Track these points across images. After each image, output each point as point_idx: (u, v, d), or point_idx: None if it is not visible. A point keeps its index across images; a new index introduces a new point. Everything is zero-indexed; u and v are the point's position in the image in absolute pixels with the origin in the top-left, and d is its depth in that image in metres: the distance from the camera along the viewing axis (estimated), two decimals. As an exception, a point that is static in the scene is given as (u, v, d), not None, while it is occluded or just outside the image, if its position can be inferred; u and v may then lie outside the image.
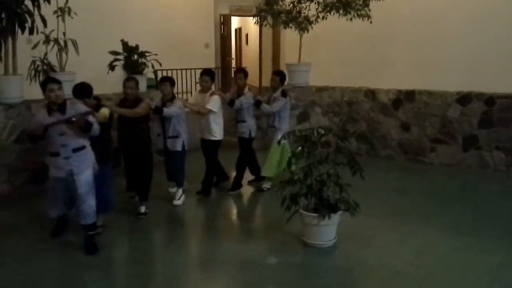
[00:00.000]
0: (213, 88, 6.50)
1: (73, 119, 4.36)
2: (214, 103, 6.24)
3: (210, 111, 6.21)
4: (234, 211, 6.31)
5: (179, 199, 6.16)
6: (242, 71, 6.70)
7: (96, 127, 4.57)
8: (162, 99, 6.10)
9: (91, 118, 4.55)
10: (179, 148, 6.08)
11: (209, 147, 6.46)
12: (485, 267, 4.35)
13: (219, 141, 6.46)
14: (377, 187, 6.67)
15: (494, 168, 7.67)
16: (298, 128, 6.48)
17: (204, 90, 6.42)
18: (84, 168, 4.59)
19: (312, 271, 4.39)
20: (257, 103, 6.51)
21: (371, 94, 8.86)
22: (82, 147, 4.61)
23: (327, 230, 4.76)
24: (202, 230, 5.56)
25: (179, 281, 4.15)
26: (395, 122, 8.62)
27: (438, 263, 4.44)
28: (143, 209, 5.69)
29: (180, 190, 6.22)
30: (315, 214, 4.66)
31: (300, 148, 4.76)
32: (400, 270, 4.30)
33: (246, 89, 6.57)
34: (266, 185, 6.78)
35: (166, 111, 5.85)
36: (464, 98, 7.91)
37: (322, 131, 4.84)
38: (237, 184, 6.69)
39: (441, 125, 8.15)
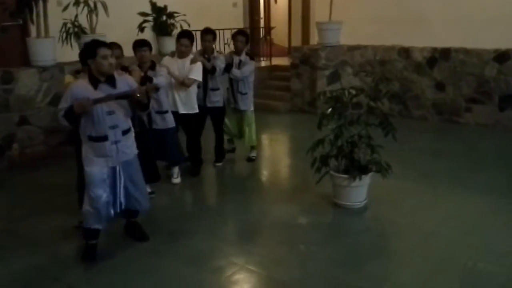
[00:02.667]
0: (191, 54, 5.62)
1: (137, 93, 3.60)
2: (199, 72, 5.46)
3: (195, 81, 5.48)
4: (264, 173, 6.35)
5: (177, 176, 5.64)
6: (211, 32, 5.83)
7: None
8: (140, 67, 5.03)
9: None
10: (172, 124, 5.30)
11: (191, 122, 5.75)
12: (520, 229, 4.28)
13: (197, 113, 5.74)
14: (409, 149, 6.58)
15: (532, 128, 7.44)
16: (328, 89, 6.34)
17: (182, 55, 5.53)
18: (131, 154, 3.84)
19: (342, 231, 4.42)
20: (228, 68, 5.89)
21: (404, 52, 8.61)
22: (130, 129, 3.86)
23: (357, 191, 4.75)
24: (232, 192, 5.60)
25: (212, 239, 4.24)
26: (430, 82, 8.40)
27: (471, 225, 4.38)
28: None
29: (177, 168, 5.64)
30: (346, 176, 4.64)
31: (330, 109, 4.69)
32: (432, 232, 4.27)
33: (215, 52, 5.92)
34: (253, 153, 6.49)
35: (156, 81, 4.92)
36: (502, 56, 7.60)
37: (354, 92, 4.76)
38: (223, 154, 6.36)
39: (477, 84, 7.90)
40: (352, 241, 4.18)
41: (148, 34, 8.30)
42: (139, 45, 5.04)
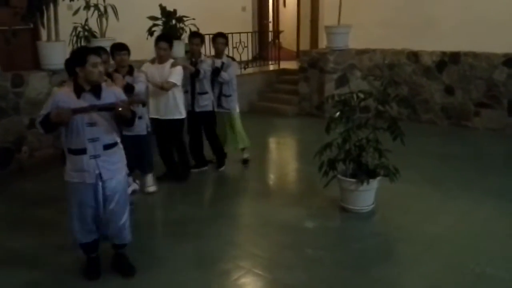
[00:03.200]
0: (171, 59, 5.44)
1: (119, 107, 3.32)
2: (178, 76, 5.29)
3: (175, 85, 5.29)
4: (271, 176, 6.35)
5: (152, 184, 5.40)
6: (198, 36, 5.74)
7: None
8: (118, 71, 4.88)
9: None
10: (144, 132, 5.08)
11: (176, 127, 5.58)
12: (529, 234, 4.24)
13: (184, 118, 5.61)
14: (418, 153, 6.55)
15: (542, 133, 7.38)
16: (336, 92, 6.29)
17: (162, 60, 5.35)
18: (116, 172, 3.50)
19: (349, 236, 4.41)
20: (216, 72, 5.73)
21: (414, 56, 8.59)
22: (115, 144, 3.52)
23: (365, 196, 4.73)
24: (238, 195, 5.62)
25: (218, 242, 4.24)
26: (439, 86, 8.36)
27: (480, 230, 4.36)
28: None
29: (151, 175, 5.40)
30: (353, 180, 4.63)
31: (338, 113, 4.69)
32: (440, 236, 4.25)
33: (203, 56, 5.81)
34: (246, 154, 6.37)
35: (136, 88, 4.77)
36: (511, 60, 7.55)
37: (362, 96, 4.75)
38: (223, 158, 6.19)
39: (486, 89, 7.85)
40: (359, 246, 4.17)
41: (157, 38, 8.35)
42: (118, 48, 4.94)
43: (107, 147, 3.45)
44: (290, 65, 11.11)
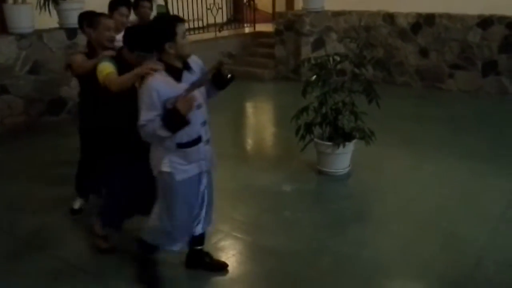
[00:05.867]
0: None
1: (228, 73, 2.92)
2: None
3: None
4: (248, 141, 6.35)
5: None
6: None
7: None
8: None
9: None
10: None
11: None
12: (502, 192, 4.36)
13: None
14: (393, 115, 6.61)
15: (514, 94, 7.52)
16: (313, 55, 6.25)
17: None
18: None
19: (326, 198, 4.48)
20: None
21: (389, 18, 8.56)
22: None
23: (341, 159, 4.79)
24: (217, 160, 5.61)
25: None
26: (414, 48, 8.38)
27: (453, 190, 4.47)
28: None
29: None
30: (330, 143, 4.67)
31: (315, 76, 4.67)
32: (414, 197, 4.35)
33: None
34: None
35: None
36: (485, 22, 7.61)
37: (338, 58, 4.73)
38: None
39: (460, 50, 7.91)
40: (335, 207, 4.25)
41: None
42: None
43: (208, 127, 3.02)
44: (265, 27, 10.95)
